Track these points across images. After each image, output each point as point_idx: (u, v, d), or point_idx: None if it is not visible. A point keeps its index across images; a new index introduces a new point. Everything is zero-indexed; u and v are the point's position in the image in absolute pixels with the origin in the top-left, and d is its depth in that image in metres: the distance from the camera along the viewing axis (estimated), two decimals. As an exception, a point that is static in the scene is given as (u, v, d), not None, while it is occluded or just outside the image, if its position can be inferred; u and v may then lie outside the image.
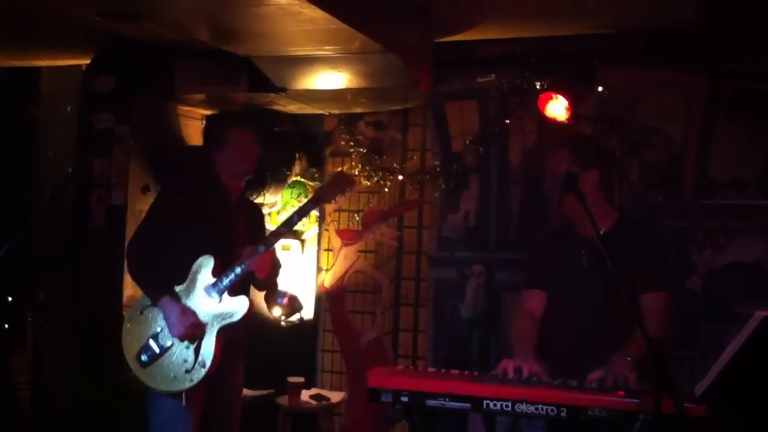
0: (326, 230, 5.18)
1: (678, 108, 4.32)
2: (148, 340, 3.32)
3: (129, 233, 4.51)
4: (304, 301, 5.13)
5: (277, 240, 3.41)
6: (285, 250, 5.24)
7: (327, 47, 3.87)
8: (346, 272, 5.09)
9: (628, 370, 2.77)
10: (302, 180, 5.29)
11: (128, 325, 3.40)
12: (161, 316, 3.30)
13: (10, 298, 4.38)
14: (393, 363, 4.82)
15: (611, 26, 4.16)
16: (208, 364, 3.24)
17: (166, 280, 3.34)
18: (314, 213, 5.28)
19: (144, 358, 3.32)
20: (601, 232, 3.01)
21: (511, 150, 4.66)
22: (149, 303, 3.34)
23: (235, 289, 3.33)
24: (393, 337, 4.94)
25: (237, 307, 3.32)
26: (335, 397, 4.82)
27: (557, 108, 4.26)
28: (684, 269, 4.15)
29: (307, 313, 5.13)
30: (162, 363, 3.30)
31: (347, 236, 5.11)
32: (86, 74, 4.84)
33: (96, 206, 4.64)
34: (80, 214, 4.69)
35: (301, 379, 4.77)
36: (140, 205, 4.65)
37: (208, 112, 5.19)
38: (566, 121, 4.25)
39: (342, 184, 3.45)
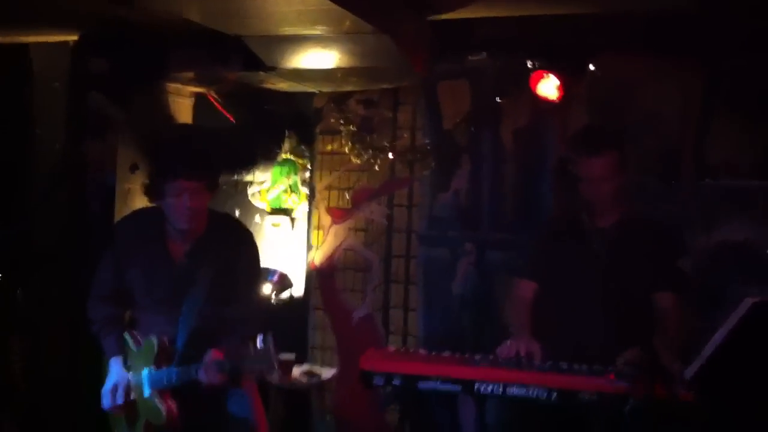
0: (316, 208, 5.18)
1: (675, 94, 4.31)
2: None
3: (118, 213, 4.50)
4: (294, 278, 5.18)
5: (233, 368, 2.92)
6: (275, 227, 5.25)
7: (318, 27, 3.84)
8: (336, 250, 5.10)
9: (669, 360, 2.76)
10: (292, 158, 5.28)
11: None
12: None
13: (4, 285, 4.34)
14: (384, 340, 4.86)
15: (609, 8, 4.12)
16: None
17: (118, 336, 3.16)
18: (304, 191, 5.28)
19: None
20: (610, 224, 3.09)
21: (503, 130, 4.65)
22: None
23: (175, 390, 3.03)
24: (383, 314, 4.97)
25: (155, 413, 3.02)
26: (326, 373, 4.86)
27: (548, 87, 4.26)
28: (678, 244, 4.16)
29: (298, 290, 5.16)
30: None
31: (337, 214, 5.11)
32: (75, 53, 4.78)
33: (91, 188, 4.60)
34: (76, 196, 4.63)
35: (291, 356, 4.80)
36: (128, 184, 4.63)
37: (198, 90, 5.18)
38: (557, 101, 4.27)
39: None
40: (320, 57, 4.25)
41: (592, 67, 4.30)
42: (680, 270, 3.16)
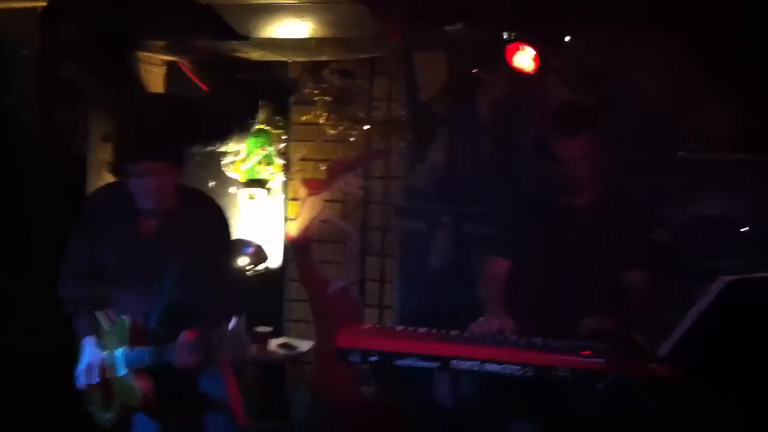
0: (292, 179, 5.13)
1: (653, 65, 4.28)
2: None
3: (90, 185, 4.43)
4: (270, 251, 5.15)
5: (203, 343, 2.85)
6: (250, 198, 5.20)
7: (292, -4, 3.78)
8: (312, 222, 5.06)
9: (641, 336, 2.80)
10: (266, 128, 5.21)
11: None
12: None
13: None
14: (360, 313, 4.85)
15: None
16: (111, 420, 3.07)
17: (91, 316, 3.11)
18: (279, 162, 5.23)
19: None
20: (586, 203, 3.08)
21: (481, 101, 4.62)
22: None
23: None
24: (360, 287, 4.95)
25: (130, 393, 2.99)
26: (303, 345, 4.85)
27: (524, 59, 4.22)
28: (653, 222, 4.17)
29: (274, 262, 5.13)
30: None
31: (313, 186, 5.07)
32: (44, 19, 4.66)
33: (62, 159, 4.51)
34: (48, 168, 4.53)
35: (268, 329, 4.78)
36: (101, 154, 4.55)
37: (169, 58, 5.09)
38: (533, 73, 4.23)
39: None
40: (294, 26, 4.19)
41: (568, 38, 4.27)
42: (654, 246, 3.17)
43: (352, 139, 4.93)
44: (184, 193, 3.12)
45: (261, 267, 5.07)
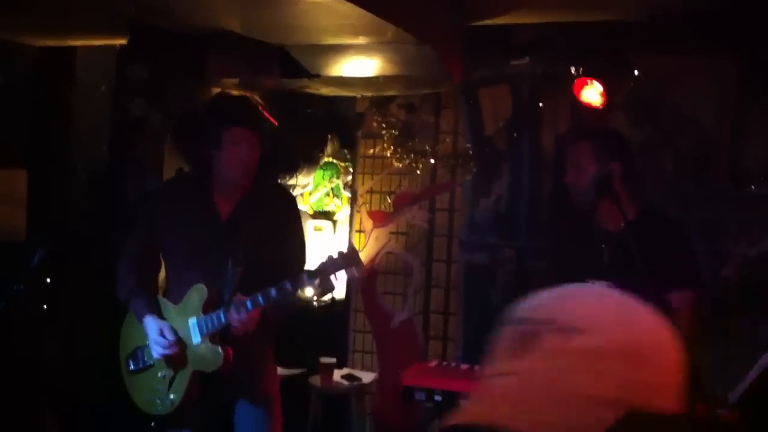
0: (358, 212, 5.22)
1: (712, 94, 4.26)
2: (137, 349, 3.18)
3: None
4: (335, 281, 5.21)
5: (265, 303, 2.93)
6: (317, 231, 5.29)
7: (360, 37, 3.87)
8: (377, 254, 5.13)
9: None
10: (334, 161, 5.32)
11: (128, 322, 3.24)
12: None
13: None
14: (423, 345, 4.88)
15: (646, 12, 4.08)
16: (176, 401, 3.06)
17: (150, 297, 3.14)
18: (346, 194, 5.32)
19: (131, 365, 3.20)
20: (621, 225, 3.01)
21: (544, 135, 4.64)
22: None
23: (221, 336, 3.03)
24: (424, 318, 4.99)
25: (210, 358, 3.01)
26: (367, 377, 4.90)
27: (592, 94, 4.22)
28: (719, 260, 4.11)
29: (339, 293, 5.20)
30: (142, 379, 3.17)
31: (379, 218, 5.14)
32: (120, 59, 4.85)
33: (132, 195, 4.67)
34: (120, 202, 4.68)
35: (332, 360, 4.84)
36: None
37: (242, 94, 5.23)
38: (601, 107, 4.23)
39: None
40: (362, 65, 4.29)
41: (636, 72, 4.28)
42: (695, 266, 3.09)
43: (417, 172, 5.00)
44: (258, 176, 3.17)
45: (327, 297, 5.15)
